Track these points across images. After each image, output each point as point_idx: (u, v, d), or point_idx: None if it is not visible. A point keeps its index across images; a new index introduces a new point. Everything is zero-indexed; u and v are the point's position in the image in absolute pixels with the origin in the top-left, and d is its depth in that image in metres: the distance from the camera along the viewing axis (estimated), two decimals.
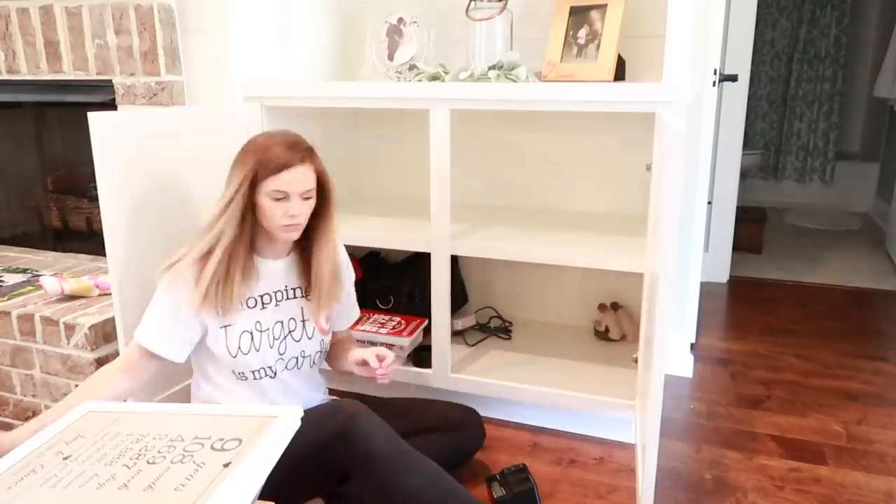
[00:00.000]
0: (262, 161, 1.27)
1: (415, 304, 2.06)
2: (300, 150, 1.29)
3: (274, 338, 1.38)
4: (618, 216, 2.02)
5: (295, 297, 1.41)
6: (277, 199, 1.27)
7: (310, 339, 1.43)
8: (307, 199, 1.30)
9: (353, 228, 1.89)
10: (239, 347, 1.34)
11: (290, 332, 1.40)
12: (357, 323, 1.79)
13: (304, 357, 1.43)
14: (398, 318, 2.00)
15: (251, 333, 1.35)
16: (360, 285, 2.16)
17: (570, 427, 1.82)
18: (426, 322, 1.96)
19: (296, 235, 1.34)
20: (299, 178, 1.28)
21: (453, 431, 1.55)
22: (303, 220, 1.32)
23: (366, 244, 1.85)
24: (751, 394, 2.05)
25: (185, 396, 1.64)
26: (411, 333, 1.91)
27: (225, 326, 1.33)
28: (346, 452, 1.22)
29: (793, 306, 2.80)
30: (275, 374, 1.39)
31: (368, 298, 2.09)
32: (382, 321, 1.98)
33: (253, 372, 1.37)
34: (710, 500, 1.55)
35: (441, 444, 1.49)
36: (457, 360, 1.94)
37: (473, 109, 1.65)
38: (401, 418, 1.46)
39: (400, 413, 1.51)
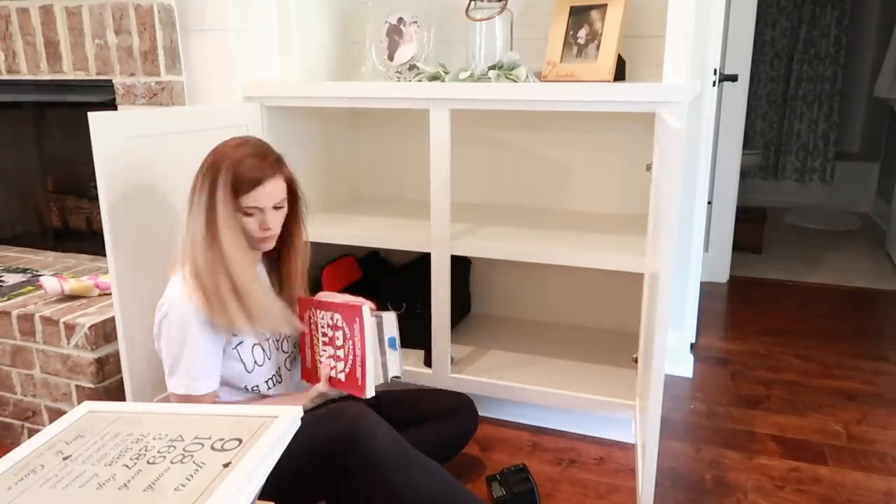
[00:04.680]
0: (236, 178, 1.22)
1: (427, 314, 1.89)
2: (271, 163, 1.26)
3: (276, 340, 1.39)
4: (618, 216, 2.02)
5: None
6: (250, 215, 1.26)
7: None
8: (279, 208, 1.29)
9: (352, 228, 1.89)
10: (254, 361, 1.35)
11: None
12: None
13: (297, 357, 1.46)
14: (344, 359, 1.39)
15: (261, 344, 1.36)
16: (369, 286, 2.15)
17: (570, 427, 1.82)
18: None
19: (271, 245, 1.33)
20: (270, 192, 1.26)
21: (447, 419, 1.56)
22: (277, 229, 1.31)
23: (366, 244, 1.85)
24: (751, 394, 2.05)
25: None
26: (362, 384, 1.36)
27: (236, 346, 1.32)
28: (351, 454, 1.22)
29: (793, 306, 2.80)
30: (281, 378, 1.40)
31: (379, 301, 2.04)
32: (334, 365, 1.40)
33: (266, 382, 1.38)
34: (710, 500, 1.55)
35: (436, 433, 1.50)
36: (457, 361, 1.94)
37: (473, 109, 1.65)
38: (394, 410, 1.46)
39: (393, 405, 1.51)
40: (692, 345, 2.35)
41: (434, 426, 1.51)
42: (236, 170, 1.23)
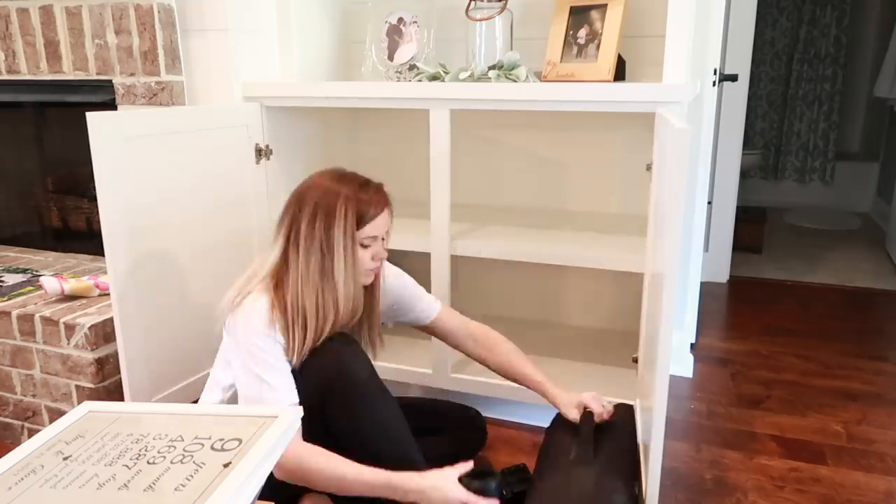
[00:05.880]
0: (359, 211, 1.24)
1: None
2: (383, 192, 1.30)
3: None
4: (618, 216, 2.02)
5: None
6: (365, 247, 1.27)
7: None
8: (384, 239, 1.32)
9: None
10: None
11: None
12: None
13: None
14: None
15: None
16: None
17: None
18: None
19: (372, 278, 1.34)
20: (384, 222, 1.29)
21: (455, 432, 1.55)
22: (386, 259, 1.34)
23: None
24: (751, 394, 2.05)
25: (185, 395, 1.64)
26: None
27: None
28: (335, 375, 1.22)
29: (793, 306, 2.80)
30: None
31: None
32: None
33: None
34: (710, 500, 1.55)
35: (442, 446, 1.49)
36: (457, 361, 1.94)
37: (473, 109, 1.65)
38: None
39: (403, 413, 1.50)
40: (692, 345, 2.35)
41: (442, 438, 1.51)
42: (359, 202, 1.25)
